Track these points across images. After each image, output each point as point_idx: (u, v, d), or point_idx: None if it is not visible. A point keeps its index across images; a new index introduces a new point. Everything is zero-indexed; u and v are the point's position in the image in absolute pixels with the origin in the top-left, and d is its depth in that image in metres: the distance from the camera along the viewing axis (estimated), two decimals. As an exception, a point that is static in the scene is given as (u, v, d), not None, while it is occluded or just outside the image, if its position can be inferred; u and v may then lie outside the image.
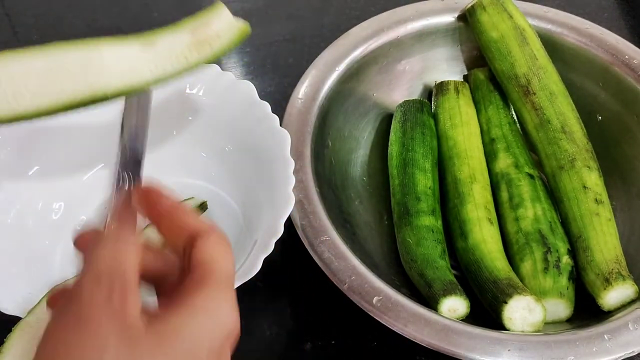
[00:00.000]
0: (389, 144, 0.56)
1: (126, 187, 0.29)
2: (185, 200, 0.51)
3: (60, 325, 0.25)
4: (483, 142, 0.56)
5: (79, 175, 0.50)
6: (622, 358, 0.40)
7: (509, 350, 0.40)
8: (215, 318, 0.27)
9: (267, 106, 0.48)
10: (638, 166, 0.54)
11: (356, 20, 0.58)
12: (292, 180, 0.44)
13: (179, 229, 0.29)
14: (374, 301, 0.42)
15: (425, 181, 0.52)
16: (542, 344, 0.40)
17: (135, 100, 0.31)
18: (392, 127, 0.57)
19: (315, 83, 0.53)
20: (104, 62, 0.28)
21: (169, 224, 0.29)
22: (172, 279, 0.30)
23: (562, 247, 0.48)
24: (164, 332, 0.26)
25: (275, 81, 0.65)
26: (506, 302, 0.43)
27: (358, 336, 0.48)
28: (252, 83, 0.49)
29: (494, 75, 0.58)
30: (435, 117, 0.57)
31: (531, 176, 0.52)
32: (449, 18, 0.59)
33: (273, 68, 0.66)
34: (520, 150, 0.54)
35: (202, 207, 0.51)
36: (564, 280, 0.46)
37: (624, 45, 0.56)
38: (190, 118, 0.51)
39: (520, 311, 0.43)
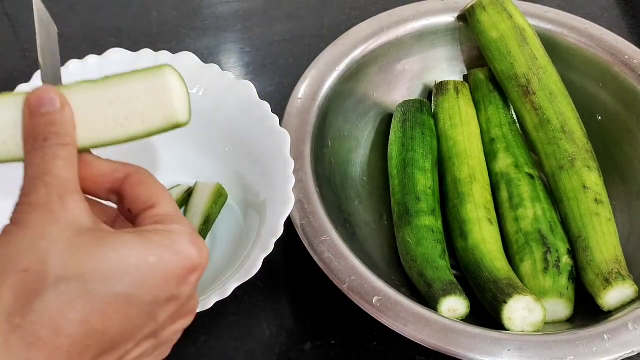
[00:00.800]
0: (389, 144, 0.56)
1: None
2: (172, 188, 0.51)
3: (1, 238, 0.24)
4: (483, 142, 0.56)
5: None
6: (622, 358, 0.40)
7: (508, 350, 0.40)
8: (173, 247, 0.26)
9: (267, 106, 0.48)
10: (638, 166, 0.54)
11: (356, 20, 0.58)
12: (292, 180, 0.44)
13: (96, 183, 0.28)
14: (373, 301, 0.42)
15: (425, 181, 0.52)
16: (542, 344, 0.40)
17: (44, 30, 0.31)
18: (392, 127, 0.57)
19: (315, 83, 0.53)
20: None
21: (87, 175, 0.28)
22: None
23: (562, 247, 0.48)
24: (111, 239, 0.25)
25: (275, 81, 0.65)
26: (506, 302, 0.43)
27: (358, 336, 0.48)
28: (252, 83, 0.49)
29: (494, 75, 0.58)
30: (435, 117, 0.57)
31: (531, 176, 0.52)
32: (449, 18, 0.59)
33: (273, 68, 0.66)
34: (520, 150, 0.54)
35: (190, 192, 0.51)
36: (563, 280, 0.46)
37: (623, 45, 0.56)
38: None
39: (520, 311, 0.43)
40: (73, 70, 0.47)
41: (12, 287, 0.23)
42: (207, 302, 0.39)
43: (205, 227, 0.49)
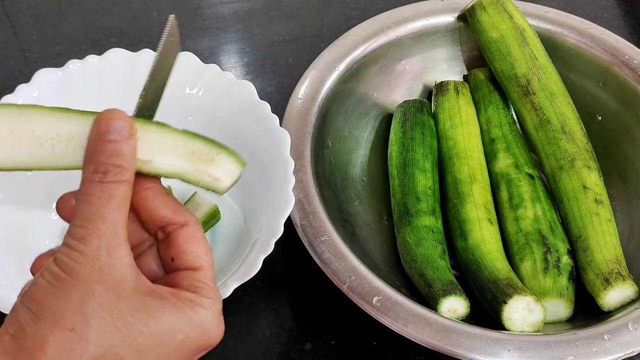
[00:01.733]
0: (389, 144, 0.56)
1: None
2: (189, 200, 0.50)
3: (46, 285, 0.25)
4: (483, 142, 0.56)
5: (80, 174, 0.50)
6: (622, 358, 0.40)
7: (508, 350, 0.40)
8: (201, 325, 0.27)
9: (267, 106, 0.48)
10: (638, 166, 0.54)
11: (356, 20, 0.58)
12: (292, 180, 0.44)
13: (154, 216, 0.29)
14: (373, 301, 0.42)
15: (425, 181, 0.52)
16: (542, 344, 0.40)
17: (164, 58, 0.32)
18: (392, 127, 0.57)
19: (315, 83, 0.53)
20: None
21: (146, 207, 0.29)
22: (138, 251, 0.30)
23: (562, 247, 0.48)
24: (149, 309, 0.26)
25: (275, 81, 0.65)
26: (506, 302, 0.43)
27: (358, 336, 0.48)
28: (252, 83, 0.49)
29: (494, 75, 0.58)
30: (435, 117, 0.57)
31: (531, 176, 0.52)
32: (449, 18, 0.59)
33: (273, 68, 0.66)
34: (520, 150, 0.54)
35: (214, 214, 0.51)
36: (563, 281, 0.46)
37: (623, 45, 0.56)
38: (190, 118, 0.51)
39: (520, 311, 0.43)
40: (73, 70, 0.47)
41: (57, 344, 0.24)
42: (207, 302, 0.39)
43: None
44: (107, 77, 0.49)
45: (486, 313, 0.46)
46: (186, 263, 0.28)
